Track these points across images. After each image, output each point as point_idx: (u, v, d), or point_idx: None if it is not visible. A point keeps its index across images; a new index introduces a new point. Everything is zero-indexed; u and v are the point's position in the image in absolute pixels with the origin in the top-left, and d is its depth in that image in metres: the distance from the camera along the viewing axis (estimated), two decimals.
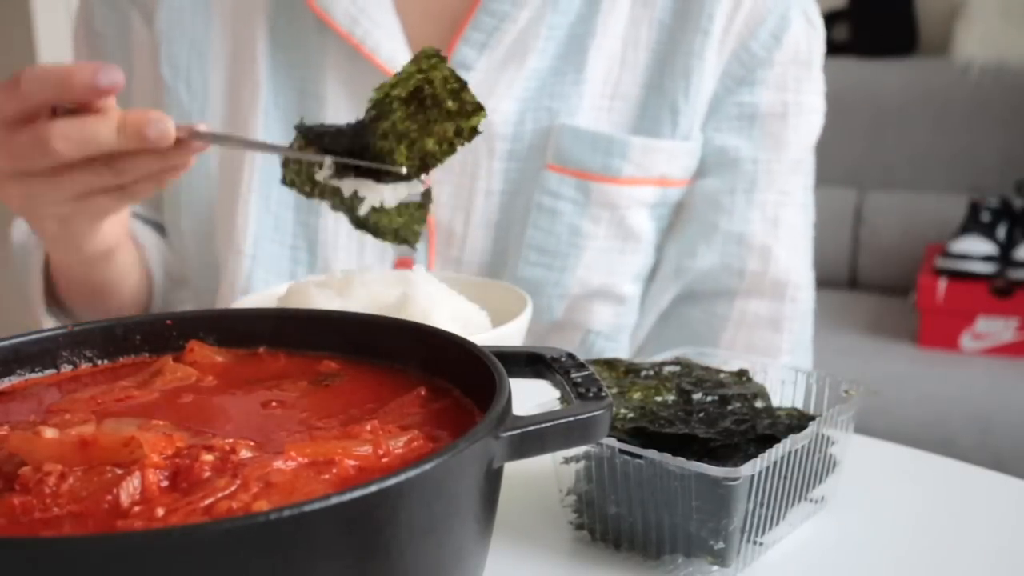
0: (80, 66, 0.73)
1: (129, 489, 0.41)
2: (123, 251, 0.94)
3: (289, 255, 1.00)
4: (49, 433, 0.45)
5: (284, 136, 0.99)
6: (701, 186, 0.99)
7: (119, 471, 0.42)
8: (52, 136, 0.73)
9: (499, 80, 0.96)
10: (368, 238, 0.98)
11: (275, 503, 0.40)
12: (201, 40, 1.00)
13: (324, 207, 0.98)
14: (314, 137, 0.74)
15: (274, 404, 0.53)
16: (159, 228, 1.09)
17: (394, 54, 0.95)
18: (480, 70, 0.96)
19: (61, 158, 0.74)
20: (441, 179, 0.97)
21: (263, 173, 1.00)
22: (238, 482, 0.42)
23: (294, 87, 0.99)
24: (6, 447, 0.45)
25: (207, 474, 0.43)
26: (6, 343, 0.56)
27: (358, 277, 0.80)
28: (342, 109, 0.98)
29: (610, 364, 0.66)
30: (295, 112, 0.99)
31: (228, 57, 1.00)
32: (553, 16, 0.96)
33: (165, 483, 0.42)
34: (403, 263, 0.99)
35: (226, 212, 1.00)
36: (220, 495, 0.41)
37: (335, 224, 0.99)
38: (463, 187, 0.98)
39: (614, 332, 1.01)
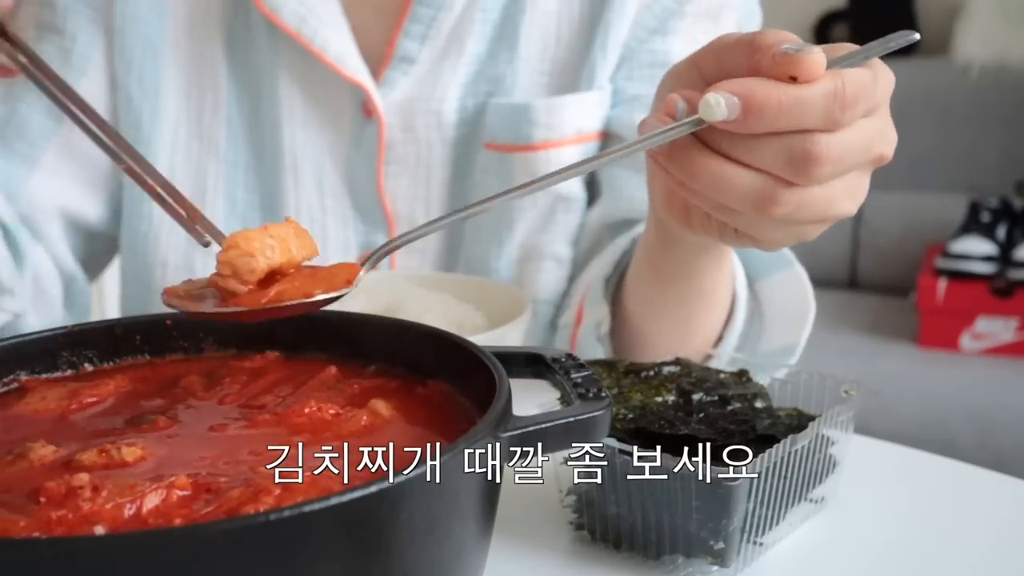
0: None
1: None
2: None
3: None
4: None
5: (248, 145, 1.00)
6: (616, 126, 0.99)
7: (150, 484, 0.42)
8: None
9: (442, 69, 0.98)
10: (330, 236, 1.00)
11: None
12: (155, 38, 0.99)
13: (287, 209, 0.99)
14: None
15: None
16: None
17: (343, 53, 0.96)
18: (423, 62, 0.97)
19: None
20: (398, 172, 0.99)
21: (228, 176, 1.00)
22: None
23: (251, 91, 1.00)
24: None
25: None
26: (6, 343, 0.57)
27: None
28: (297, 110, 0.99)
29: (610, 364, 0.66)
30: (254, 117, 1.00)
31: (184, 58, 0.99)
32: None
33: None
34: (366, 258, 1.00)
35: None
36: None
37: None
38: (419, 177, 0.99)
39: (560, 299, 1.01)
